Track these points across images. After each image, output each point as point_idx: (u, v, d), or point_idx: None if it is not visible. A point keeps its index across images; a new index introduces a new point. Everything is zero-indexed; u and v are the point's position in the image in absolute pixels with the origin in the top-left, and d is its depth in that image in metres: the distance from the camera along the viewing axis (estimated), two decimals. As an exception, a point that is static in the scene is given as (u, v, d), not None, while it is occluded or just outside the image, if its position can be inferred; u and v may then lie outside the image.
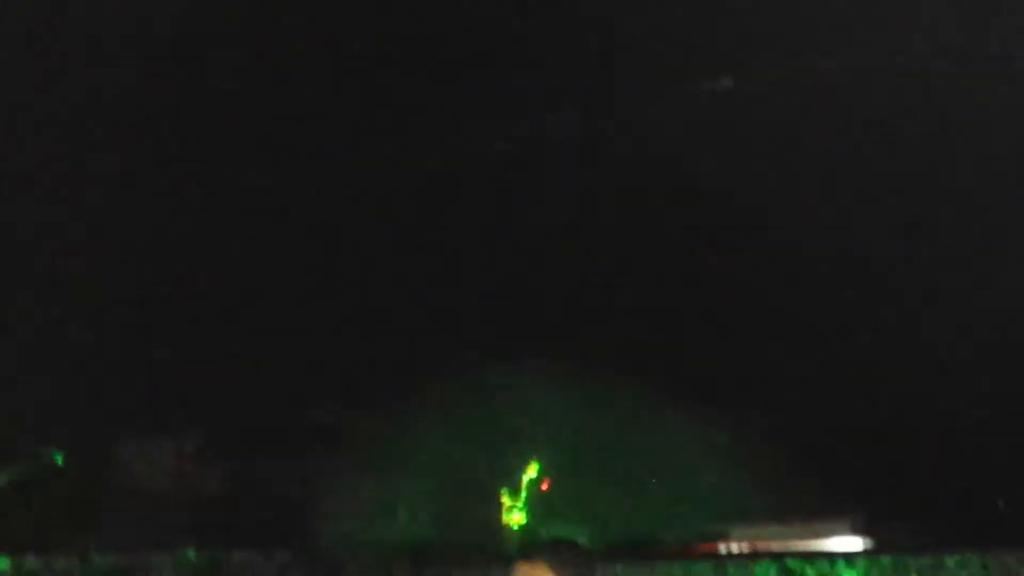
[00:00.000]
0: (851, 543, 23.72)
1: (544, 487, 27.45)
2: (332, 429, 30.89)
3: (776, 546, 22.44)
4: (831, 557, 20.13)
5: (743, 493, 25.64)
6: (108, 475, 30.64)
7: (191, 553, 23.83)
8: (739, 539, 24.71)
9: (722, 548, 23.57)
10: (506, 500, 27.19)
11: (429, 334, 30.63)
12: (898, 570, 18.73)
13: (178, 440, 31.92)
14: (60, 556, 23.42)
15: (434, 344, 30.25)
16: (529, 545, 5.31)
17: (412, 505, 28.83)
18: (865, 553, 20.72)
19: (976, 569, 18.59)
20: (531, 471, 27.54)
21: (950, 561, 18.70)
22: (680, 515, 25.85)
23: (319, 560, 21.33)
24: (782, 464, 25.57)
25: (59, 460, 28.03)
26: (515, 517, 27.03)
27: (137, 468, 31.29)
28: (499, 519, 27.17)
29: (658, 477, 27.37)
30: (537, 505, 27.23)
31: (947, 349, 27.30)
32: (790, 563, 18.92)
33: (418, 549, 22.71)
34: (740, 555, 21.09)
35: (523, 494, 27.18)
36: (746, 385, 28.38)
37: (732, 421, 27.79)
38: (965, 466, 26.36)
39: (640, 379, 26.16)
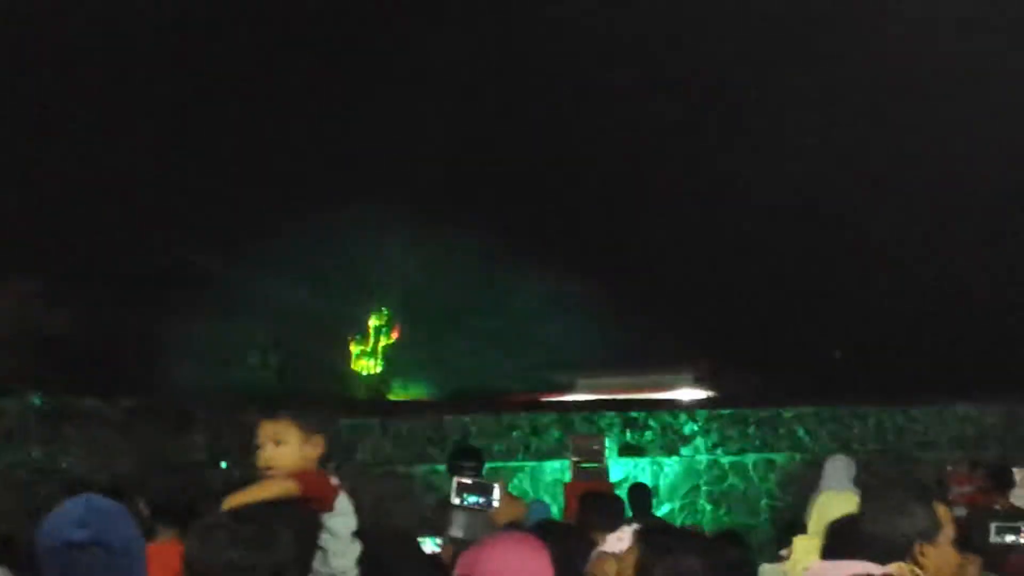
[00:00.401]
0: (694, 394, 24.27)
1: (394, 335, 27.55)
2: (181, 271, 30.63)
3: (621, 396, 22.85)
4: (673, 408, 20.66)
5: (590, 344, 26.05)
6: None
7: (36, 399, 23.56)
8: (585, 389, 25.13)
9: (568, 399, 23.95)
10: (355, 347, 27.26)
11: (282, 173, 30.36)
12: (737, 421, 19.31)
13: (23, 282, 31.36)
14: (-100, 400, 23.01)
15: (287, 184, 30.00)
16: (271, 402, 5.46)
17: (261, 351, 28.84)
18: (706, 404, 21.22)
19: (811, 421, 19.25)
20: (381, 319, 27.59)
21: (787, 413, 19.33)
22: (527, 366, 26.20)
23: (166, 407, 21.20)
24: (628, 315, 26.02)
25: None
26: (364, 364, 27.15)
27: (-19, 310, 30.76)
28: (348, 367, 27.29)
29: (506, 327, 27.65)
30: (386, 354, 27.37)
31: (791, 195, 27.72)
32: (634, 414, 19.36)
33: (266, 396, 22.70)
34: (585, 404, 21.43)
35: (372, 342, 27.26)
36: (595, 235, 28.66)
37: (581, 271, 28.10)
38: (805, 316, 27.07)
39: (492, 226, 26.25)
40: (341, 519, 5.66)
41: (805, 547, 5.89)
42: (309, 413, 5.67)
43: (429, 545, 10.47)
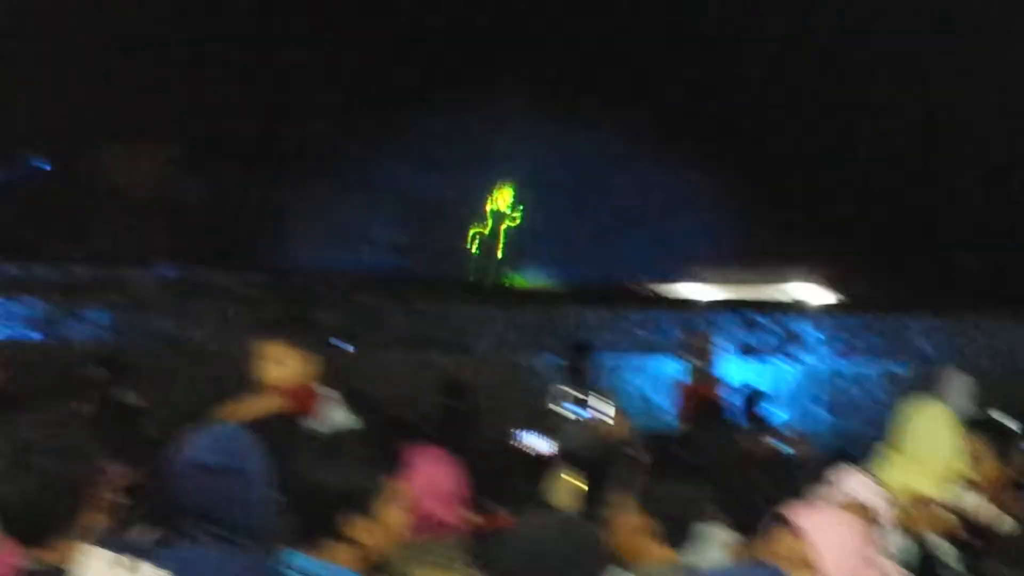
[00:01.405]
0: (816, 294, 24.03)
1: (515, 219, 27.47)
2: (312, 149, 30.90)
3: (743, 296, 22.73)
4: (795, 310, 20.53)
5: (715, 239, 25.82)
6: (91, 183, 30.70)
7: (167, 270, 24.08)
8: (708, 284, 25.02)
9: (687, 292, 23.86)
10: (475, 230, 27.31)
11: (411, 54, 30.36)
12: (862, 329, 19.13)
13: (158, 150, 31.87)
14: (39, 264, 23.63)
15: (421, 65, 30.02)
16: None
17: (382, 232, 29.02)
18: (830, 309, 21.05)
19: (935, 332, 19.00)
20: (502, 203, 27.55)
21: (912, 323, 19.10)
22: (650, 258, 26.05)
23: (286, 285, 21.55)
24: (756, 212, 25.73)
25: (43, 167, 28.01)
26: (487, 250, 27.21)
27: (120, 177, 31.32)
28: (468, 251, 27.36)
29: (631, 218, 27.50)
30: (506, 239, 27.38)
31: (923, 96, 27.09)
32: (755, 315, 19.27)
33: (386, 277, 22.93)
34: (706, 303, 21.38)
35: (492, 225, 27.27)
36: (728, 128, 28.31)
37: (711, 165, 27.81)
38: (938, 219, 26.60)
39: (619, 115, 26.00)
40: (327, 424, 5.87)
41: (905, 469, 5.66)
42: (303, 334, 6.04)
43: (538, 442, 10.60)
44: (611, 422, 6.10)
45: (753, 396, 13.28)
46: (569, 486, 6.08)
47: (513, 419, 14.41)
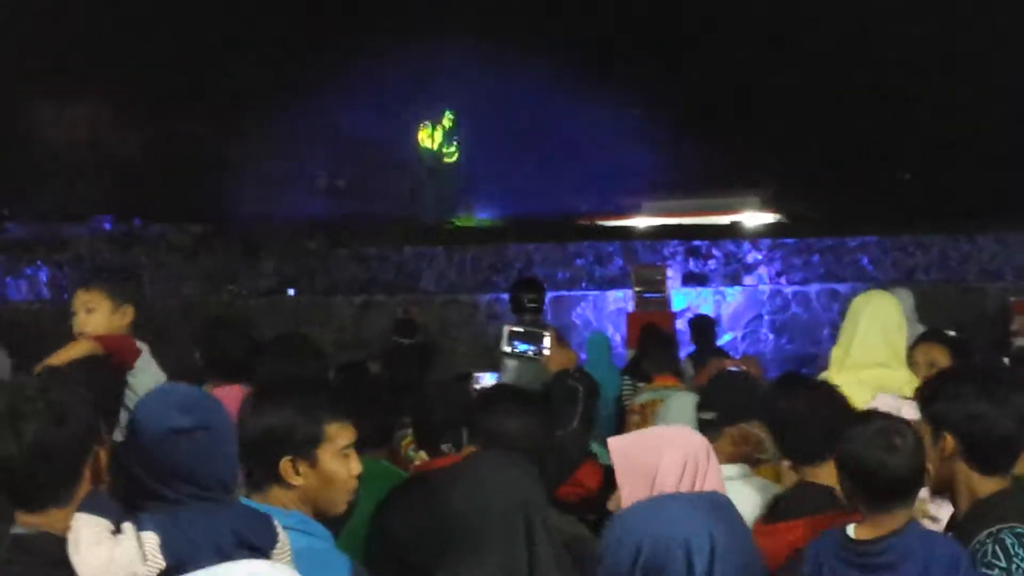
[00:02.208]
0: (760, 218, 24.20)
1: (451, 158, 27.36)
2: (248, 95, 30.66)
3: (687, 221, 22.84)
4: (737, 235, 20.69)
5: (656, 167, 25.90)
6: (25, 140, 30.36)
7: (107, 224, 23.90)
8: (650, 213, 25.10)
9: (632, 223, 23.95)
10: (417, 169, 27.23)
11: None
12: (801, 251, 19.31)
13: (94, 106, 31.53)
14: (-24, 226, 23.43)
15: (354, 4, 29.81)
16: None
17: (328, 175, 28.91)
18: (770, 232, 21.21)
19: (875, 250, 19.20)
20: (442, 141, 27.44)
21: (851, 242, 19.29)
22: (592, 190, 26.11)
23: (234, 234, 21.45)
24: (694, 138, 25.81)
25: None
26: (428, 186, 27.16)
27: (55, 133, 31.00)
28: (410, 191, 27.28)
29: (571, 151, 27.47)
30: (448, 177, 27.32)
31: (860, 10, 27.13)
32: (697, 242, 19.40)
33: (332, 223, 22.86)
34: (649, 231, 21.49)
35: (432, 164, 27.19)
36: (664, 56, 28.28)
37: (649, 94, 27.80)
38: (873, 139, 26.74)
39: (557, 47, 25.95)
40: (144, 376, 5.98)
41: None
42: (118, 284, 6.22)
43: (488, 379, 10.65)
44: (553, 353, 6.10)
45: (699, 321, 13.38)
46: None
47: (461, 356, 14.55)
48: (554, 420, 5.66)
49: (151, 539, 3.25)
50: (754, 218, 24.20)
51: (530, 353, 6.25)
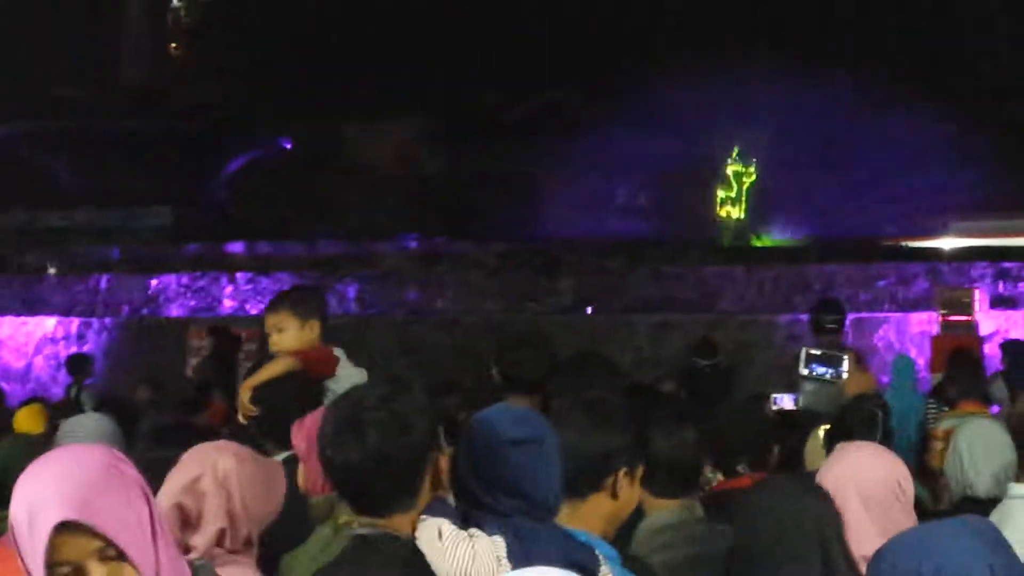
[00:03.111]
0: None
1: (752, 175, 27.02)
2: (552, 118, 31.08)
3: (995, 242, 22.00)
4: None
5: (964, 187, 25.10)
6: (335, 160, 31.53)
7: (412, 241, 24.56)
8: (958, 234, 24.31)
9: (938, 244, 23.21)
10: (720, 193, 27.03)
11: (650, 19, 30.29)
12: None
13: (403, 124, 32.50)
14: (289, 241, 24.39)
15: (654, 30, 29.94)
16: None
17: (628, 194, 29.05)
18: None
19: None
20: (744, 163, 27.18)
21: None
22: (898, 209, 25.49)
23: (534, 252, 21.77)
24: (1005, 158, 24.92)
25: (288, 146, 28.82)
26: (728, 210, 26.93)
27: (364, 153, 32.10)
28: (713, 212, 27.11)
29: (876, 169, 26.89)
30: (750, 197, 27.04)
31: None
32: (1007, 264, 18.70)
33: (632, 241, 22.96)
34: (956, 253, 20.78)
35: (735, 186, 26.95)
36: (975, 76, 27.45)
37: (957, 112, 27.01)
38: None
39: (860, 69, 25.48)
40: (344, 381, 6.03)
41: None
42: (300, 301, 6.37)
43: (786, 401, 10.50)
44: (852, 377, 6.00)
45: (1014, 346, 12.85)
46: (817, 445, 6.06)
47: (761, 378, 14.38)
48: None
49: (500, 544, 3.34)
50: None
51: (828, 376, 6.18)
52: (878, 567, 2.81)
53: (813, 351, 6.31)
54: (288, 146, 28.40)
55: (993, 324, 17.09)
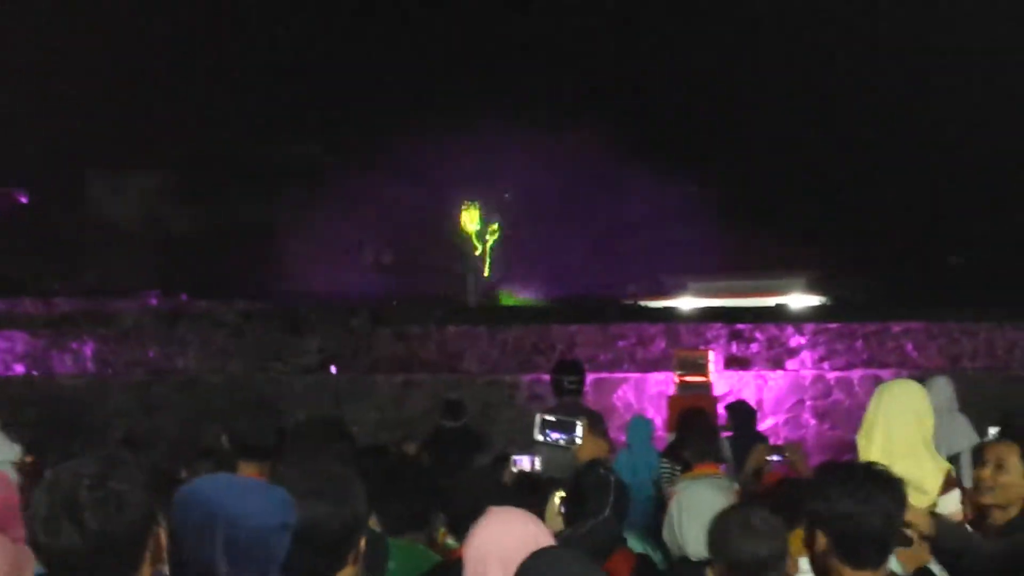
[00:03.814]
0: (805, 300, 24.08)
1: (493, 235, 27.39)
2: (296, 169, 30.94)
3: (731, 302, 22.76)
4: (781, 318, 20.58)
5: (700, 248, 25.84)
6: (75, 216, 30.73)
7: (153, 299, 24.08)
8: (695, 293, 25.05)
9: (677, 303, 23.87)
10: (461, 248, 27.31)
11: (396, 75, 30.45)
12: (844, 336, 19.18)
13: (147, 179, 31.92)
14: (25, 299, 23.63)
15: (401, 84, 30.11)
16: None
17: (374, 251, 29.04)
18: (814, 316, 21.06)
19: (920, 336, 19.04)
20: (486, 221, 27.52)
21: (896, 328, 19.14)
22: (636, 270, 26.09)
23: (279, 311, 21.55)
24: (739, 220, 25.79)
25: (22, 199, 27.98)
26: (475, 269, 27.22)
27: (105, 207, 31.35)
28: (454, 269, 27.33)
29: (614, 232, 27.51)
30: (492, 256, 27.36)
31: (910, 97, 27.17)
32: (740, 326, 19.33)
33: (377, 299, 22.93)
34: (692, 315, 21.40)
35: (479, 245, 27.26)
36: (706, 139, 28.40)
37: (691, 176, 27.89)
38: (920, 223, 26.67)
39: (601, 130, 26.05)
40: None
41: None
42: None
43: (526, 463, 10.60)
44: (585, 443, 6.11)
45: (739, 406, 13.29)
46: (553, 510, 6.14)
47: (503, 438, 14.50)
48: (585, 510, 5.67)
49: None
50: (799, 300, 24.08)
51: (562, 442, 6.26)
52: None
53: (548, 417, 6.38)
54: (24, 200, 27.56)
55: (727, 384, 17.64)
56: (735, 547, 4.37)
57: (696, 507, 5.22)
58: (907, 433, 5.78)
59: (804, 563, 4.65)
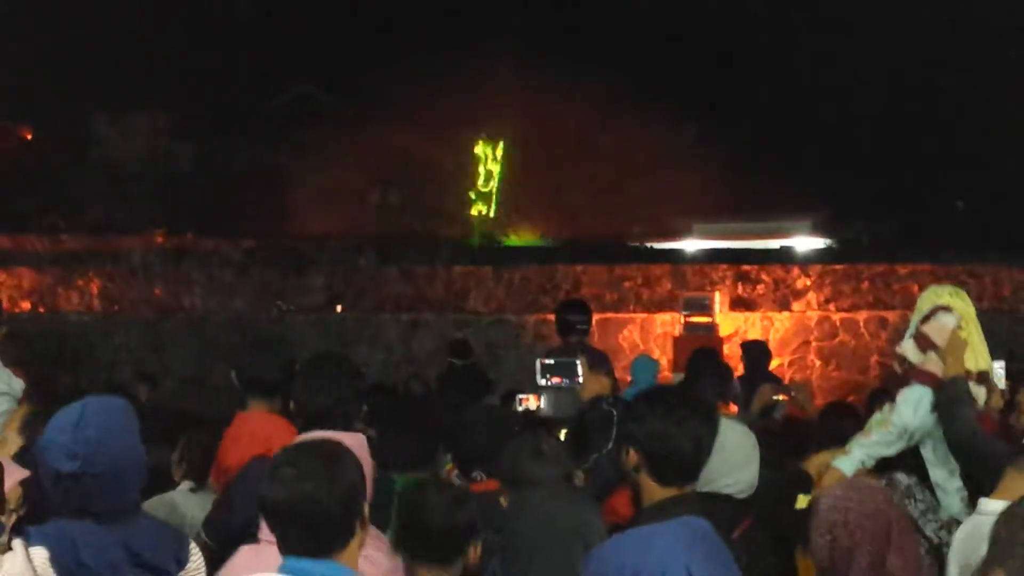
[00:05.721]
0: (810, 243, 24.04)
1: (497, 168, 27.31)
2: (301, 110, 30.86)
3: (736, 244, 22.72)
4: (787, 259, 20.57)
5: (707, 190, 25.75)
6: (80, 154, 30.67)
7: (160, 237, 24.11)
8: (701, 235, 25.02)
9: (682, 246, 23.83)
10: (471, 193, 27.24)
11: (403, 14, 30.32)
12: (850, 277, 19.17)
13: (152, 117, 31.83)
14: (31, 236, 23.66)
15: (408, 24, 29.98)
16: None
17: (380, 190, 28.98)
18: (820, 257, 21.04)
19: (927, 279, 19.01)
20: (491, 161, 27.42)
21: (902, 270, 19.13)
22: (643, 212, 26.02)
23: (284, 249, 21.57)
24: (746, 162, 25.67)
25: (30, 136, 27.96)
26: (481, 209, 27.16)
27: (110, 147, 31.30)
28: (464, 211, 27.29)
29: (622, 172, 27.43)
30: (501, 198, 27.30)
31: (919, 39, 27.00)
32: (746, 267, 19.32)
33: (383, 238, 22.91)
34: (698, 255, 21.39)
35: (483, 184, 27.19)
36: (715, 81, 28.27)
37: (699, 118, 27.81)
38: (928, 165, 26.57)
39: (608, 71, 25.91)
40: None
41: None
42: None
43: (532, 401, 10.64)
44: (587, 382, 6.16)
45: (752, 346, 13.28)
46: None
47: (509, 378, 14.53)
48: (591, 444, 5.72)
49: (40, 554, 3.33)
50: (805, 243, 24.05)
51: (564, 384, 6.33)
52: (589, 567, 2.90)
53: (547, 361, 6.49)
54: (28, 136, 27.54)
55: (732, 325, 17.65)
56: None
57: (736, 446, 5.07)
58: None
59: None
